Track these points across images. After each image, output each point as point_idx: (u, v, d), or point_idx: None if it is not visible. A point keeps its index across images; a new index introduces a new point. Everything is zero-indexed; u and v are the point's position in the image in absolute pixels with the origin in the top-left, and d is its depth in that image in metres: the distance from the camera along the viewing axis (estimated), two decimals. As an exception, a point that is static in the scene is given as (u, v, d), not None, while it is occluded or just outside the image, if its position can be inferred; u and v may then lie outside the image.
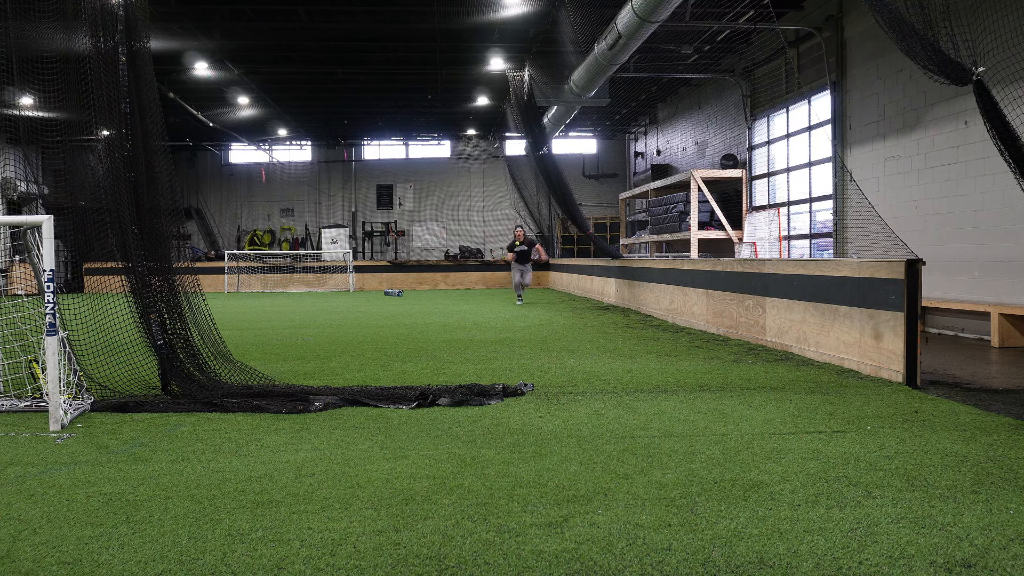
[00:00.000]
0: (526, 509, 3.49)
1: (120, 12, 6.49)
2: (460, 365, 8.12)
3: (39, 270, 5.74)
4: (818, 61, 15.90)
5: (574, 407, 5.82)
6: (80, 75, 6.71)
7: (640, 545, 3.05)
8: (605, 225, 29.14)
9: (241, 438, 4.95)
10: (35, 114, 8.75)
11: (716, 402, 5.96)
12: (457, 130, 32.27)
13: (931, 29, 6.55)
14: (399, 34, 19.07)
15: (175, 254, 7.14)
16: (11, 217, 5.72)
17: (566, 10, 16.25)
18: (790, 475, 3.96)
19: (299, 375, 7.51)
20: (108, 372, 6.85)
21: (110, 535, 3.24)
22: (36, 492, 3.86)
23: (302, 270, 29.08)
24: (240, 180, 34.35)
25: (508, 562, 2.91)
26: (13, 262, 18.52)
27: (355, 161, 34.35)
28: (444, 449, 4.60)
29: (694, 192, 18.27)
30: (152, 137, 6.82)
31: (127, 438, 5.02)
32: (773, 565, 2.85)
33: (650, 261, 16.68)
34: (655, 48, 17.83)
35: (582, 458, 4.35)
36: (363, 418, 5.51)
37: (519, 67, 20.53)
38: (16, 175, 21.34)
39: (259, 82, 22.93)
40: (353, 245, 32.80)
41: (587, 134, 33.25)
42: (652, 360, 8.33)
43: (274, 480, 3.99)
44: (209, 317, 7.22)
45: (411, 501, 3.62)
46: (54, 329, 5.33)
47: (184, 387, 6.29)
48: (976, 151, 10.83)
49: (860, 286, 7.56)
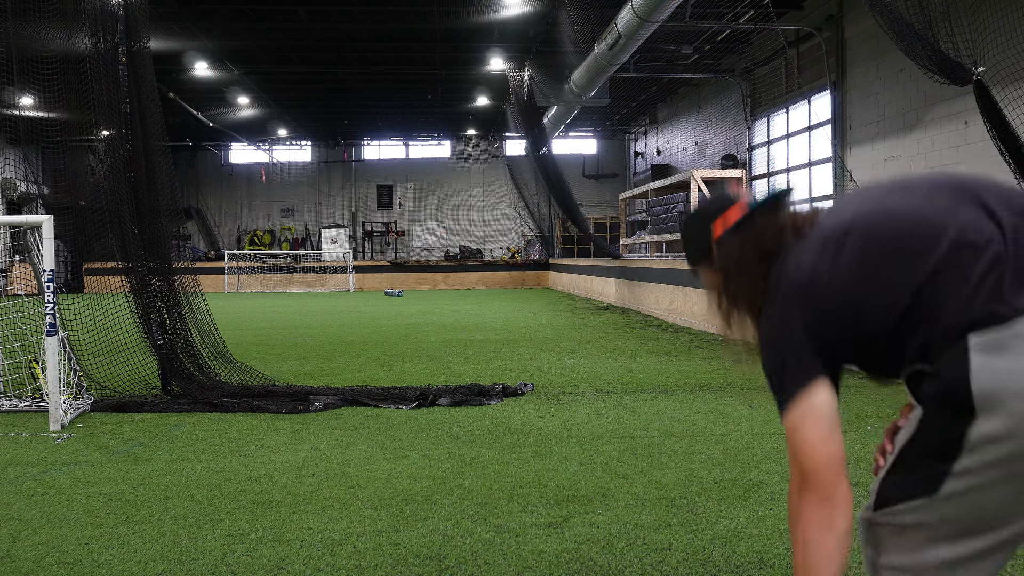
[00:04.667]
0: (526, 509, 3.49)
1: (120, 12, 6.48)
2: (460, 365, 8.12)
3: (39, 270, 5.74)
4: (818, 61, 15.91)
5: (574, 407, 5.82)
6: (80, 75, 6.71)
7: (640, 545, 3.05)
8: (605, 225, 29.11)
9: (241, 438, 4.95)
10: (35, 114, 8.75)
11: (716, 402, 5.96)
12: (457, 130, 32.26)
13: (931, 29, 6.55)
14: (399, 34, 19.06)
15: (175, 254, 7.14)
16: (11, 217, 5.72)
17: (566, 10, 16.25)
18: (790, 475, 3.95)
19: (299, 375, 7.51)
20: (108, 372, 6.84)
21: (110, 535, 3.24)
22: (36, 492, 3.85)
23: (302, 270, 29.08)
24: (240, 180, 34.34)
25: (508, 562, 2.91)
26: (13, 262, 18.53)
27: (355, 161, 34.35)
28: (444, 449, 4.60)
29: (694, 192, 18.25)
30: (152, 137, 6.82)
31: (127, 438, 5.02)
32: (773, 565, 2.85)
33: (650, 261, 16.68)
34: (655, 48, 17.82)
35: (582, 458, 4.35)
36: (363, 418, 5.51)
37: (519, 67, 20.53)
38: (16, 175, 21.34)
39: (259, 82, 22.93)
40: (353, 245, 32.79)
41: (587, 134, 33.24)
42: (652, 360, 8.33)
43: (274, 480, 3.99)
44: (209, 317, 7.22)
45: (411, 501, 3.62)
46: (54, 329, 5.33)
47: (184, 387, 6.29)
48: (976, 151, 10.83)
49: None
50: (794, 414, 1.56)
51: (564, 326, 12.55)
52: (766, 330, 1.65)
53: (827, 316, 1.56)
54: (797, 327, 1.58)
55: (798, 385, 1.56)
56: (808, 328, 1.57)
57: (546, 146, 21.48)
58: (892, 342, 1.51)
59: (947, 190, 1.54)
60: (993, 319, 1.38)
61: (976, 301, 1.41)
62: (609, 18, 14.92)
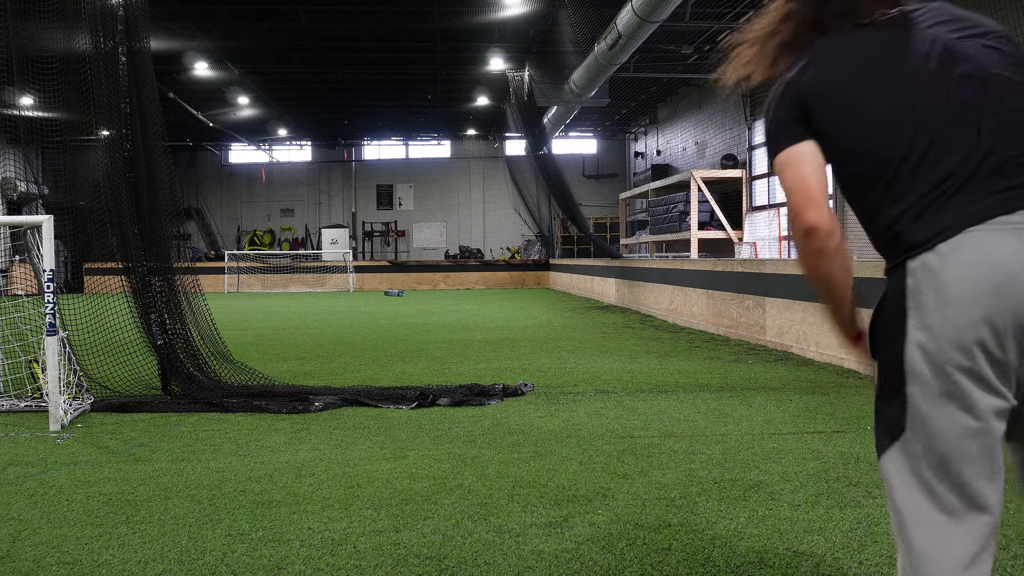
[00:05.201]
0: (526, 509, 3.49)
1: (120, 12, 6.49)
2: (460, 365, 8.12)
3: (39, 270, 5.74)
4: (818, 61, 15.88)
5: (574, 407, 5.82)
6: (80, 75, 6.71)
7: (640, 545, 3.05)
8: (605, 225, 29.14)
9: (241, 438, 4.95)
10: (35, 114, 8.75)
11: (716, 402, 5.96)
12: (457, 130, 32.27)
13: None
14: (399, 34, 19.07)
15: (175, 254, 7.14)
16: (11, 217, 5.72)
17: (566, 10, 16.25)
18: (790, 475, 3.96)
19: (299, 375, 7.51)
20: (108, 372, 6.84)
21: (110, 535, 3.24)
22: (36, 492, 3.85)
23: (302, 270, 29.08)
24: (240, 180, 34.35)
25: (508, 562, 2.91)
26: (13, 262, 18.53)
27: (355, 161, 34.36)
28: (444, 449, 4.60)
29: (694, 192, 18.26)
30: (152, 137, 6.82)
31: (127, 438, 5.02)
32: (773, 565, 2.85)
33: (650, 261, 16.68)
34: (655, 48, 17.83)
35: (582, 458, 4.35)
36: (363, 418, 5.51)
37: (519, 67, 20.53)
38: (16, 175, 21.34)
39: (259, 82, 22.93)
40: (353, 245, 32.80)
41: (587, 134, 33.24)
42: (652, 360, 8.33)
43: (274, 480, 3.99)
44: (209, 317, 7.22)
45: (411, 501, 3.62)
46: (54, 329, 5.33)
47: (184, 387, 6.29)
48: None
49: (860, 286, 7.56)
50: (780, 159, 1.74)
51: (564, 326, 12.56)
52: (776, 93, 1.77)
53: (832, 124, 1.69)
54: (801, 110, 1.71)
55: (789, 142, 1.72)
56: (811, 118, 1.70)
57: (546, 146, 21.48)
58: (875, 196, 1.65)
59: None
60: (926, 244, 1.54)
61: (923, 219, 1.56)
62: (609, 18, 14.92)
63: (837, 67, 1.69)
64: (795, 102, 1.71)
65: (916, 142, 1.58)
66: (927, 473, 1.56)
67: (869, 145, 1.63)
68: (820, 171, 1.71)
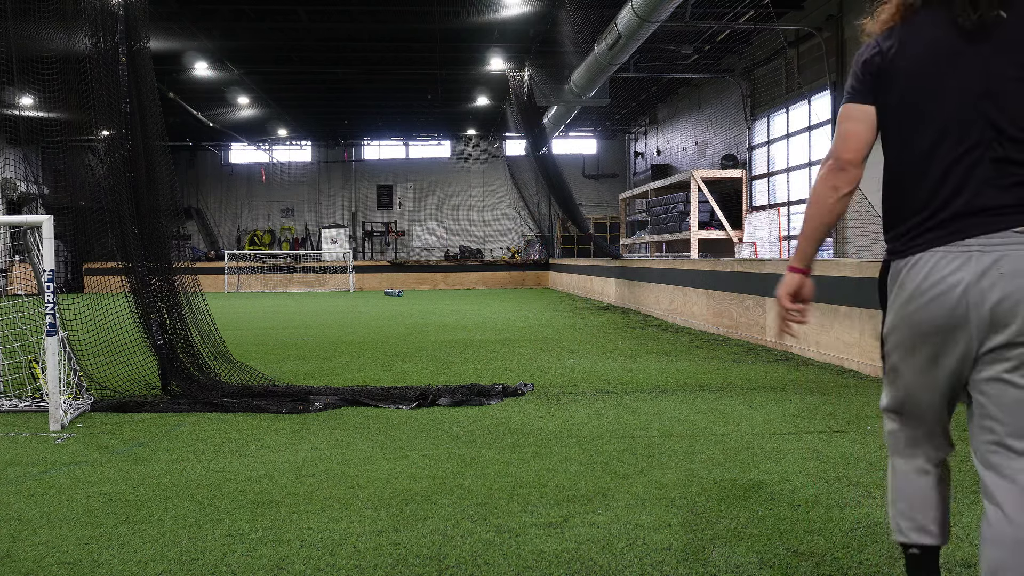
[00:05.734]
0: (526, 509, 3.49)
1: (120, 12, 6.48)
2: (460, 365, 8.12)
3: (39, 270, 5.74)
4: (818, 61, 15.91)
5: (574, 407, 5.82)
6: (80, 75, 6.71)
7: (640, 545, 3.05)
8: (605, 225, 29.14)
9: (241, 438, 4.95)
10: (35, 114, 8.75)
11: (716, 402, 5.96)
12: (457, 130, 32.27)
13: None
14: (399, 34, 19.07)
15: (175, 254, 7.14)
16: (11, 217, 5.72)
17: (566, 10, 16.26)
18: (790, 475, 3.95)
19: (299, 375, 7.51)
20: (108, 372, 6.84)
21: (110, 535, 3.24)
22: (36, 492, 3.85)
23: (302, 270, 29.09)
24: (240, 180, 34.36)
25: (508, 562, 2.91)
26: (13, 262, 18.53)
27: (355, 161, 34.36)
28: (444, 449, 4.60)
29: (694, 192, 18.27)
30: (152, 137, 6.82)
31: (127, 438, 5.02)
32: (773, 565, 2.85)
33: (650, 261, 16.69)
34: (655, 48, 17.83)
35: (582, 458, 4.35)
36: (363, 418, 5.51)
37: (519, 67, 20.54)
38: (16, 175, 21.35)
39: (259, 82, 22.94)
40: (353, 245, 32.81)
41: (587, 134, 33.25)
42: (652, 360, 8.33)
43: (274, 480, 3.99)
44: (209, 317, 7.22)
45: (411, 501, 3.62)
46: (54, 329, 5.33)
47: (184, 387, 6.29)
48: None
49: (860, 286, 7.56)
50: (843, 110, 2.15)
51: (564, 326, 12.56)
52: (867, 52, 2.11)
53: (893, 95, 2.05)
54: (873, 76, 2.07)
55: (852, 99, 2.11)
56: (877, 88, 2.07)
57: (546, 146, 21.48)
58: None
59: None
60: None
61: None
62: (609, 18, 14.93)
63: (915, 55, 1.99)
64: (870, 70, 2.07)
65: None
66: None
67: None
68: (869, 132, 2.09)
